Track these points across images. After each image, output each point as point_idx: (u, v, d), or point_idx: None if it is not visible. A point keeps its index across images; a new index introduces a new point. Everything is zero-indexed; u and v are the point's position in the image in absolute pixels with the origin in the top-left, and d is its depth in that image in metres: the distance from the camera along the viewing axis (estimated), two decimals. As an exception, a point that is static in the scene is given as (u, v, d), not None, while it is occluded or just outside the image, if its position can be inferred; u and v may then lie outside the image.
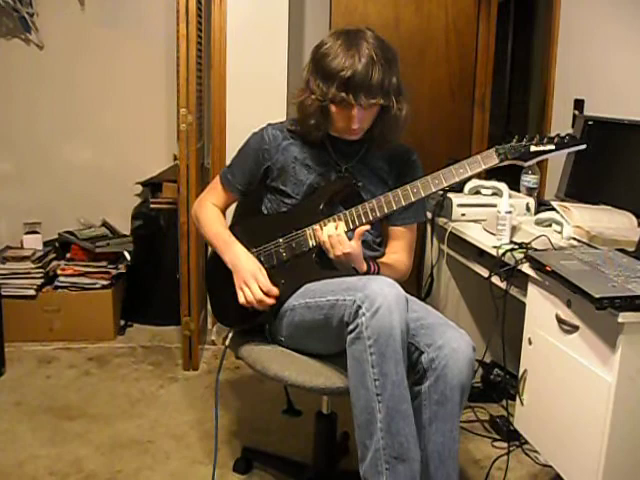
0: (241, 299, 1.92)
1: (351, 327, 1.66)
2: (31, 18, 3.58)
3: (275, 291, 1.91)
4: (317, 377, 1.83)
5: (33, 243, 3.57)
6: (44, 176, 3.81)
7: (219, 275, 2.10)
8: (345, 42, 1.83)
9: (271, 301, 1.90)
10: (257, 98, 3.05)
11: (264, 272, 1.93)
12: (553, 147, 1.79)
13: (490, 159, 1.80)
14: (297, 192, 2.01)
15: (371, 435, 1.64)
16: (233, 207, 2.25)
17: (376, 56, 1.80)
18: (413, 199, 1.83)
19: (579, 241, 2.10)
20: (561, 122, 3.04)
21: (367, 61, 1.79)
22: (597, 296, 1.58)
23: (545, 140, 1.80)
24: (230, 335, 2.08)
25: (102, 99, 3.79)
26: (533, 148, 1.79)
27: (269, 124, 2.08)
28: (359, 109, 1.84)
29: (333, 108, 1.87)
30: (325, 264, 1.93)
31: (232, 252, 2.00)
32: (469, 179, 2.58)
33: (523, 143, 1.79)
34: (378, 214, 1.86)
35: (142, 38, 3.73)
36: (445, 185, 1.82)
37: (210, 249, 2.22)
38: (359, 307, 1.64)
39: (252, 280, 1.91)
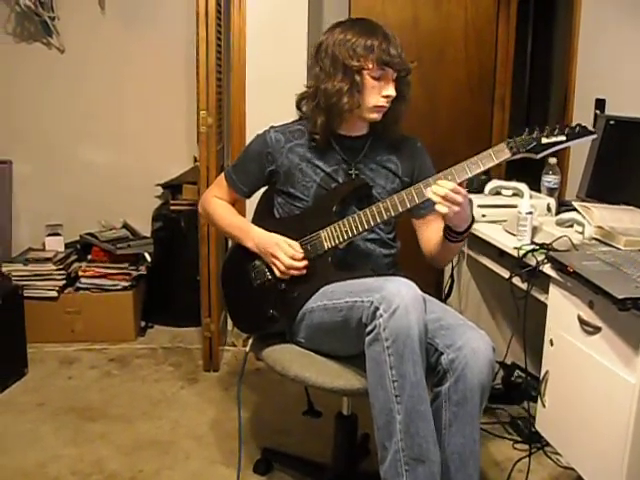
0: (277, 273, 1.95)
1: (369, 328, 1.66)
2: (52, 22, 3.61)
3: (300, 253, 1.92)
4: (337, 378, 1.83)
5: (55, 245, 3.60)
6: (65, 178, 3.84)
7: (235, 283, 2.11)
8: (360, 26, 1.91)
9: (301, 264, 1.92)
10: (276, 100, 3.04)
11: (286, 239, 1.95)
12: (564, 138, 1.77)
13: (502, 153, 1.78)
14: (307, 194, 2.01)
15: (390, 436, 1.64)
16: (250, 211, 2.26)
17: (391, 32, 1.91)
18: (427, 196, 1.83)
19: (601, 241, 2.08)
20: (582, 122, 3.00)
21: (391, 35, 1.89)
22: (620, 297, 1.57)
23: (556, 131, 1.77)
24: (251, 341, 2.09)
25: (123, 101, 3.82)
26: (544, 140, 1.77)
27: (272, 127, 2.07)
28: (393, 78, 1.90)
29: (369, 81, 1.88)
30: (341, 266, 1.93)
31: (251, 236, 2.03)
32: (485, 176, 2.57)
33: (534, 135, 1.77)
34: (392, 213, 1.85)
35: (162, 41, 3.75)
36: (458, 181, 1.80)
37: (228, 253, 2.23)
38: (377, 308, 1.64)
39: (277, 249, 1.93)
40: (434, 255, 2.05)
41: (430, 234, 2.06)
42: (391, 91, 1.91)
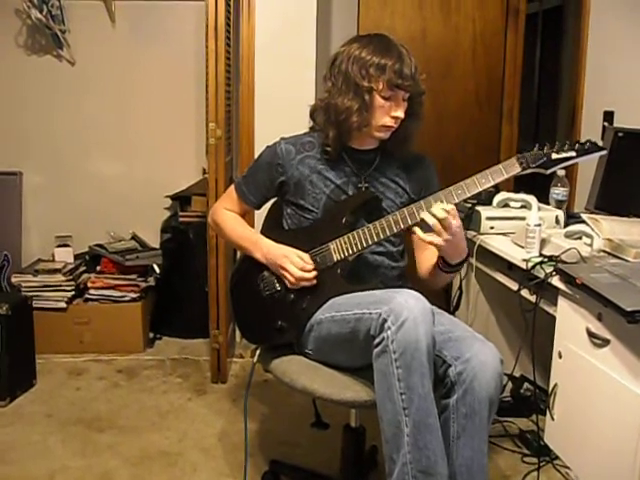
0: (288, 284, 1.95)
1: (377, 341, 1.65)
2: (63, 35, 3.65)
3: (310, 265, 1.92)
4: (345, 390, 1.82)
5: (64, 256, 3.62)
6: (75, 190, 3.87)
7: (243, 294, 2.11)
8: (377, 43, 1.90)
9: (311, 275, 1.91)
10: (285, 112, 3.07)
11: (296, 251, 1.95)
12: (574, 154, 1.79)
13: (512, 168, 1.80)
14: (316, 206, 2.01)
15: (398, 449, 1.63)
16: (259, 222, 2.26)
17: (408, 51, 1.90)
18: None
19: (609, 254, 2.08)
20: (590, 134, 3.00)
21: (407, 55, 1.89)
22: (629, 309, 1.56)
23: (566, 147, 1.79)
24: (258, 351, 2.09)
25: (132, 113, 3.85)
26: (554, 156, 1.79)
27: (282, 138, 2.07)
28: (404, 98, 1.90)
29: (379, 101, 1.88)
30: (350, 278, 1.93)
31: (261, 247, 2.03)
32: (493, 189, 2.58)
33: (544, 151, 1.80)
34: (402, 226, 1.86)
35: (172, 53, 3.78)
36: (468, 195, 1.82)
37: (236, 264, 2.24)
38: (385, 320, 1.64)
39: (286, 261, 1.93)
40: (426, 278, 2.08)
41: (425, 257, 2.07)
42: (400, 113, 1.91)
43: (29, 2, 3.47)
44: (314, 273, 1.92)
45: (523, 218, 2.27)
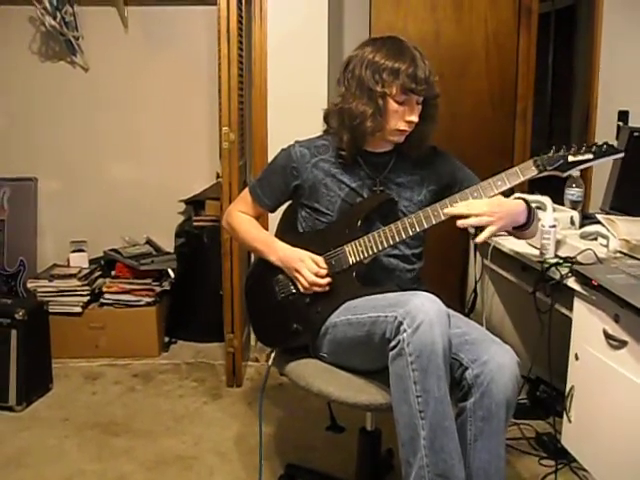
0: (301, 288, 1.95)
1: (393, 343, 1.65)
2: (77, 41, 3.67)
3: (324, 271, 1.92)
4: (361, 393, 1.82)
5: (79, 261, 3.63)
6: (89, 195, 3.89)
7: (258, 297, 2.11)
8: (389, 47, 1.89)
9: (324, 282, 1.91)
10: (298, 116, 3.07)
11: (311, 255, 1.94)
12: (591, 156, 1.77)
13: (529, 170, 1.79)
14: (331, 209, 2.00)
15: (414, 452, 1.63)
16: (274, 225, 2.26)
17: (422, 54, 1.88)
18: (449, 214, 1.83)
19: (626, 254, 2.06)
20: (605, 134, 2.99)
21: (421, 58, 1.87)
22: (646, 310, 1.55)
23: (583, 150, 1.78)
24: (273, 355, 2.08)
25: (146, 118, 3.86)
26: (571, 158, 1.78)
27: (297, 141, 2.07)
28: (418, 102, 1.89)
29: (393, 105, 1.87)
30: (365, 281, 1.93)
31: (276, 250, 2.02)
32: (510, 191, 2.56)
33: (561, 153, 1.78)
34: (418, 228, 1.85)
35: (185, 58, 3.79)
36: (484, 198, 1.81)
37: (251, 267, 2.24)
38: (400, 323, 1.63)
39: (301, 265, 1.93)
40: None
41: None
42: (414, 117, 1.89)
43: (43, 9, 3.50)
44: (328, 279, 1.92)
45: (538, 219, 2.25)
